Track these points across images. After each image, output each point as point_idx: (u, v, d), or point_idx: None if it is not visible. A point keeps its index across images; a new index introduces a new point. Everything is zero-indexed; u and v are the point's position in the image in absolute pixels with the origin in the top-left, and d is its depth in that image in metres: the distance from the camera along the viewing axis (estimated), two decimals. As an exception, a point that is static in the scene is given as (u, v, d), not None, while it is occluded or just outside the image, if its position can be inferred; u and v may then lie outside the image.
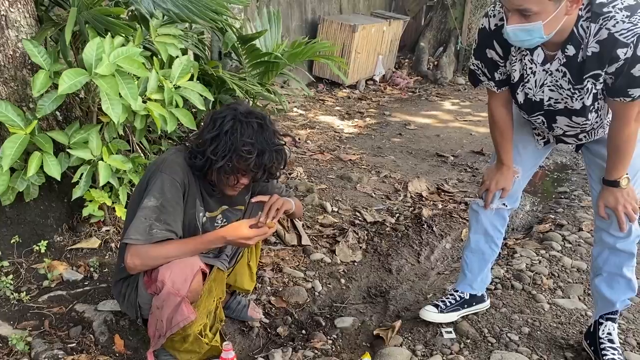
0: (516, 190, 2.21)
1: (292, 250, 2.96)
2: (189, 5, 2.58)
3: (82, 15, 2.43)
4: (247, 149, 1.80)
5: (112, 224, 2.85)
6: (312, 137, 5.22)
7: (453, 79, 8.87)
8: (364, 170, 4.33)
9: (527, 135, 2.15)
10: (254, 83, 3.46)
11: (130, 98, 2.19)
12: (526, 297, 2.59)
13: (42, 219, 2.68)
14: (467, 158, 4.95)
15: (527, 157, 2.17)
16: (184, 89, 2.57)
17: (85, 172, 2.47)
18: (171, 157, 1.92)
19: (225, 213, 2.10)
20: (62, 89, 2.01)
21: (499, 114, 2.04)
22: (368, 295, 2.68)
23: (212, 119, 1.89)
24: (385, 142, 5.35)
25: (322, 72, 7.53)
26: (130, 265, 1.78)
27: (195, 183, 1.96)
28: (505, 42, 1.79)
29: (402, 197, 3.81)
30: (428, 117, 6.48)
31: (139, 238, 1.76)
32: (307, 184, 3.79)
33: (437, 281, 2.81)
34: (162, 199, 1.81)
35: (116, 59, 2.19)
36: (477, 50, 1.92)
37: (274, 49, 3.63)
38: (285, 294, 2.55)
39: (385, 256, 2.99)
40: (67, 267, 2.59)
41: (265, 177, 1.92)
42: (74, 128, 2.48)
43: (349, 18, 7.69)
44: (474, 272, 2.35)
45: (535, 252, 3.03)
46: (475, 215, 2.27)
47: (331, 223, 3.30)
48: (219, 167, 1.82)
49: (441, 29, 9.50)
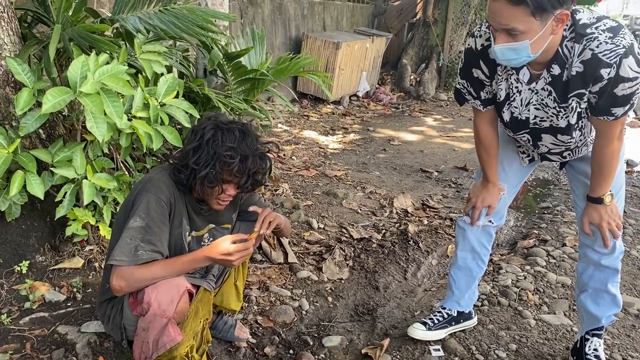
0: (502, 207, 2.23)
1: (279, 268, 2.94)
2: (175, 21, 2.58)
3: (66, 32, 2.42)
4: (229, 154, 1.79)
5: (96, 243, 2.81)
6: (297, 153, 5.22)
7: (435, 95, 8.99)
8: (350, 186, 4.34)
9: (512, 152, 2.18)
10: (239, 100, 3.46)
11: (116, 116, 2.17)
12: (512, 313, 2.60)
13: (24, 239, 2.63)
14: (450, 174, 4.99)
15: (512, 175, 2.20)
16: (170, 106, 2.55)
17: (69, 191, 2.43)
18: (156, 176, 1.90)
19: (212, 232, 2.08)
20: (45, 107, 1.98)
21: (484, 132, 2.07)
22: (356, 313, 2.66)
23: (193, 132, 1.88)
24: (370, 157, 5.37)
25: (307, 88, 7.57)
26: (116, 287, 1.75)
27: (182, 201, 1.94)
28: (491, 61, 1.82)
29: (388, 213, 3.81)
30: (412, 133, 6.54)
31: (124, 259, 1.74)
32: (293, 200, 3.78)
33: (424, 298, 2.81)
34: (147, 219, 1.79)
35: (101, 77, 2.17)
36: (463, 69, 1.94)
37: (259, 66, 3.63)
38: (272, 313, 2.53)
39: (372, 273, 2.98)
40: (49, 287, 2.53)
41: (250, 184, 1.90)
42: (57, 146, 2.45)
43: (332, 35, 7.76)
44: (461, 289, 2.35)
45: (520, 267, 3.05)
46: (461, 232, 2.28)
47: (317, 240, 3.29)
48: (203, 176, 1.81)
49: (423, 46, 9.63)
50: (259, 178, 1.92)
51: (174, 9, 2.59)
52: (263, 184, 1.99)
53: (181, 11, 2.58)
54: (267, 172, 1.95)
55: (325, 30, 8.46)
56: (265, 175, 1.97)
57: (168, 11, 2.58)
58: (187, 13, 2.57)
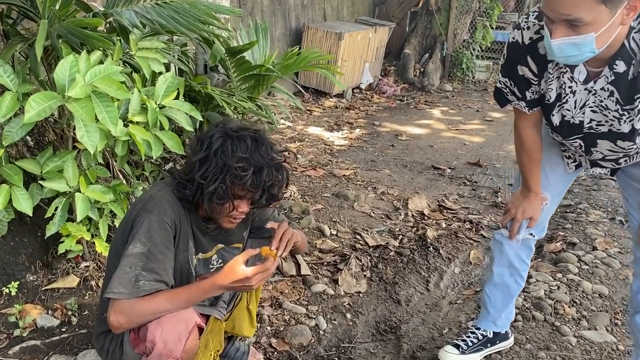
0: (544, 219, 2.00)
1: (291, 282, 2.72)
2: (175, 15, 2.33)
3: (54, 28, 2.16)
4: (241, 166, 1.55)
5: (92, 258, 2.58)
6: (303, 151, 4.98)
7: (440, 86, 8.74)
8: (360, 187, 4.11)
9: (555, 157, 1.94)
10: (243, 98, 3.22)
11: (110, 123, 1.92)
12: (550, 329, 2.39)
13: (13, 257, 2.40)
14: (464, 170, 4.76)
15: (555, 182, 1.97)
16: (170, 108, 2.32)
17: (60, 206, 2.20)
18: (158, 193, 1.67)
19: (220, 253, 1.86)
20: (28, 116, 1.73)
21: (528, 137, 1.83)
22: (377, 331, 2.44)
23: (198, 141, 1.65)
24: (378, 154, 5.14)
25: (308, 81, 7.30)
26: (115, 323, 1.52)
27: (187, 220, 1.71)
28: (540, 57, 1.58)
29: (403, 216, 3.59)
30: (419, 127, 6.30)
31: (124, 291, 1.51)
32: (302, 204, 3.55)
33: (450, 312, 2.59)
34: (149, 244, 1.56)
35: (93, 78, 1.93)
36: (506, 66, 1.70)
37: (264, 60, 3.39)
38: (288, 334, 2.31)
39: (392, 285, 2.76)
40: (41, 311, 2.30)
41: (265, 200, 1.67)
42: (46, 155, 2.21)
43: (334, 25, 7.48)
44: (498, 307, 2.13)
45: (551, 275, 2.83)
46: (498, 246, 2.06)
47: (331, 248, 3.06)
48: (212, 191, 1.58)
49: (426, 35, 9.36)
50: (275, 192, 1.69)
51: (174, 2, 2.34)
52: (280, 199, 1.76)
53: (182, 5, 2.33)
54: (283, 185, 1.72)
55: (326, 20, 8.19)
56: (282, 188, 1.73)
57: (167, 4, 2.33)
58: (188, 7, 2.32)
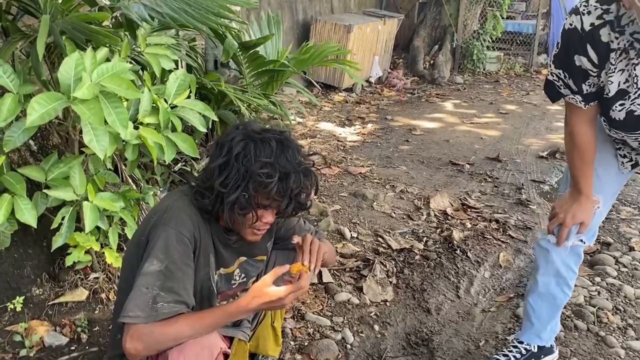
0: (595, 224, 1.83)
1: (313, 290, 2.56)
2: (186, 8, 2.16)
3: (57, 24, 2.00)
4: (266, 172, 1.39)
5: (102, 269, 2.42)
6: (315, 148, 4.81)
7: (451, 78, 8.55)
8: (378, 185, 3.94)
9: (609, 156, 1.77)
10: (257, 95, 3.05)
11: (119, 125, 1.76)
12: (595, 340, 2.22)
13: (17, 269, 2.25)
14: (483, 166, 4.58)
15: (608, 183, 1.79)
16: (182, 108, 2.15)
17: (67, 216, 2.04)
18: (175, 203, 1.50)
19: (243, 267, 1.69)
20: (31, 119, 1.57)
21: (582, 135, 1.65)
22: (408, 344, 2.28)
23: (218, 145, 1.48)
24: (393, 150, 4.96)
25: (317, 75, 7.12)
26: (131, 351, 1.36)
27: (208, 233, 1.55)
28: (602, 46, 1.41)
29: (426, 216, 3.41)
30: (432, 121, 6.11)
31: (140, 315, 1.34)
32: (319, 205, 3.39)
33: (485, 322, 2.42)
34: (167, 261, 1.40)
35: (100, 77, 1.77)
36: (561, 56, 1.53)
37: (278, 55, 3.22)
38: (313, 350, 2.14)
39: (420, 292, 2.59)
40: (48, 328, 2.15)
41: (292, 209, 1.49)
42: (51, 161, 2.06)
43: (342, 18, 7.29)
44: (543, 320, 1.96)
45: (589, 279, 2.66)
46: (544, 253, 1.88)
47: (353, 253, 2.89)
48: (233, 201, 1.41)
49: (436, 27, 9.17)
50: (303, 200, 1.52)
51: (184, -7, 2.17)
52: (308, 208, 1.59)
53: (193, -4, 2.17)
54: (312, 192, 1.55)
55: (334, 12, 7.99)
56: (310, 195, 1.56)
57: (177, -5, 2.16)
58: None
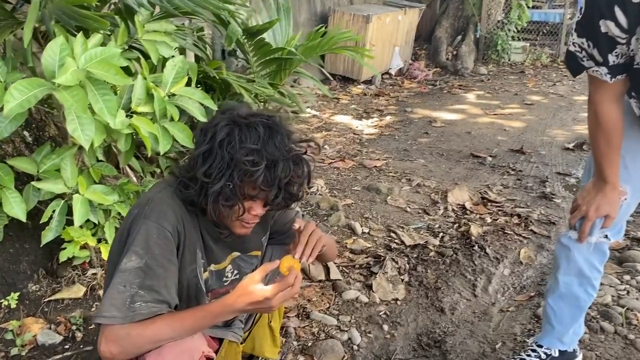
0: (622, 217, 1.66)
1: (320, 287, 2.44)
2: (186, -7, 2.06)
3: (47, 10, 1.91)
4: (251, 160, 1.26)
5: (100, 265, 2.34)
6: (330, 141, 4.68)
7: (474, 69, 8.33)
8: (393, 179, 3.79)
9: (636, 142, 1.60)
10: (264, 85, 2.94)
11: (107, 114, 1.66)
12: (622, 344, 2.05)
13: (13, 265, 2.18)
14: (506, 158, 4.38)
15: (636, 172, 1.62)
16: (180, 97, 2.05)
17: (57, 209, 1.96)
18: (157, 195, 1.39)
19: (236, 262, 1.58)
20: (9, 107, 1.48)
21: (607, 114, 1.48)
22: (419, 345, 2.14)
23: (202, 131, 1.36)
24: (411, 143, 4.80)
25: (335, 68, 6.99)
26: (106, 354, 1.25)
27: (194, 226, 1.43)
28: (635, 7, 1.23)
29: (443, 211, 3.26)
30: (454, 112, 5.92)
31: (116, 315, 1.23)
32: (330, 199, 3.26)
33: (502, 322, 2.26)
34: (146, 257, 1.29)
35: (87, 63, 1.67)
36: (584, 22, 1.35)
37: (286, 43, 3.09)
38: (317, 351, 2.02)
39: (434, 290, 2.45)
40: (43, 325, 2.08)
41: (282, 199, 1.36)
42: (43, 152, 1.99)
43: (361, 8, 7.13)
44: (565, 322, 1.80)
45: (618, 278, 2.48)
46: (565, 251, 1.72)
47: (363, 248, 2.76)
48: (217, 192, 1.29)
49: (458, 17, 8.96)
50: (294, 190, 1.38)
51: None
52: (300, 199, 1.46)
53: (196, -19, 2.06)
54: (304, 182, 1.42)
55: (353, 3, 7.83)
56: (303, 185, 1.43)
57: (178, -20, 2.06)
58: (203, -15, 2.05)
